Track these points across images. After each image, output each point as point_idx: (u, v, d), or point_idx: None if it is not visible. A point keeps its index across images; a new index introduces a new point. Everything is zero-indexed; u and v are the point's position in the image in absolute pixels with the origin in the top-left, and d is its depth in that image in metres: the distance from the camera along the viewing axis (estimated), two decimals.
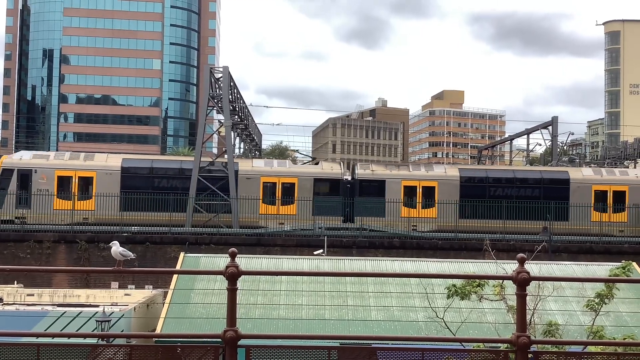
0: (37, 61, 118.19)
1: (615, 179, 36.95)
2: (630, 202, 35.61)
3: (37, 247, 32.23)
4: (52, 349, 6.75)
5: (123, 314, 18.72)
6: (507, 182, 36.77)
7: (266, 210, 35.02)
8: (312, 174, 36.66)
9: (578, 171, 39.08)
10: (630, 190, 36.15)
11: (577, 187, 36.13)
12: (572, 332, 15.92)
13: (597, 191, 36.26)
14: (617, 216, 35.49)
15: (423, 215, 35.41)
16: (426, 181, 36.23)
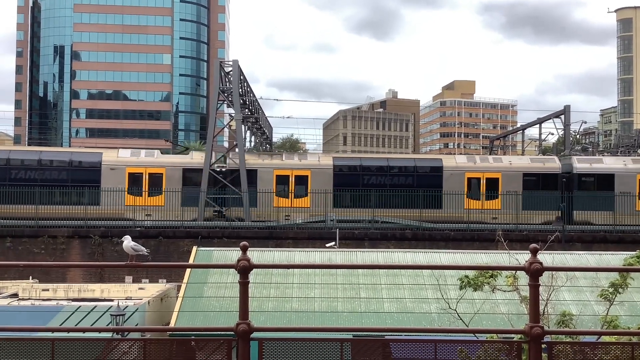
0: (49, 58, 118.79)
1: (489, 166, 36.53)
2: (504, 189, 35.37)
3: (52, 242, 32.50)
4: (68, 343, 6.80)
5: (137, 308, 18.86)
6: (380, 171, 36.42)
7: (133, 201, 34.10)
8: (181, 165, 35.98)
9: (451, 158, 38.98)
10: (504, 177, 35.86)
11: (450, 174, 35.78)
12: (586, 322, 15.84)
13: (470, 178, 35.99)
14: (491, 203, 35.24)
15: (296, 205, 35.05)
16: (299, 170, 35.82)
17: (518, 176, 35.88)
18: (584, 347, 6.67)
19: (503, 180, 35.80)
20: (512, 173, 35.99)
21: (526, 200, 34.93)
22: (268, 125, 59.61)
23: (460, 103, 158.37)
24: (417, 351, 6.42)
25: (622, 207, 34.55)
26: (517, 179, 35.80)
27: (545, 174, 36.35)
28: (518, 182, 35.75)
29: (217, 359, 6.43)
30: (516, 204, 34.65)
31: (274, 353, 6.10)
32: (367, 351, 7.71)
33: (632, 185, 35.75)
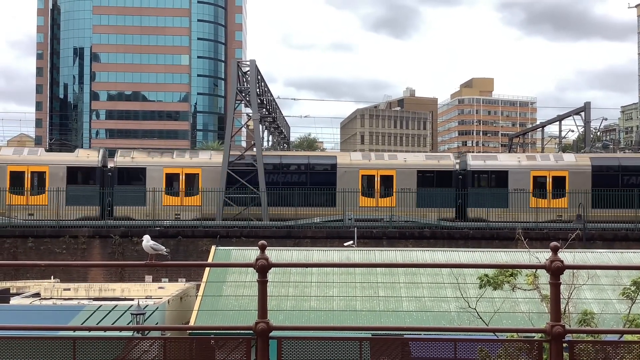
0: (68, 59, 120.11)
1: (383, 164, 36.14)
2: (398, 187, 35.06)
3: (73, 242, 32.87)
4: (89, 342, 6.87)
5: (157, 306, 19.00)
6: (275, 169, 36.09)
7: (15, 200, 33.70)
8: (65, 163, 35.47)
9: (346, 156, 38.76)
10: (398, 174, 35.50)
11: (345, 172, 35.43)
12: (607, 320, 15.66)
13: (365, 176, 35.61)
14: (385, 201, 34.92)
15: (187, 203, 34.79)
16: (189, 168, 35.54)
17: (412, 173, 35.55)
18: (606, 346, 6.58)
19: (398, 177, 35.53)
20: (407, 170, 35.69)
21: (420, 198, 34.70)
22: (286, 124, 59.71)
23: (479, 101, 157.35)
24: (437, 350, 6.38)
25: (516, 203, 34.18)
26: (412, 176, 35.46)
27: (440, 171, 36.10)
28: (412, 180, 35.44)
29: (236, 357, 6.45)
30: (410, 201, 34.47)
31: (293, 352, 6.10)
32: (386, 350, 7.69)
33: (526, 182, 35.33)
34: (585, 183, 35.37)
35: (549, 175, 35.86)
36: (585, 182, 35.38)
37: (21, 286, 23.86)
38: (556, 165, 36.28)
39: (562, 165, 36.26)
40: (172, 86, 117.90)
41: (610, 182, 35.47)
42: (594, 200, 34.55)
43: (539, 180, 35.79)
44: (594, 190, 34.80)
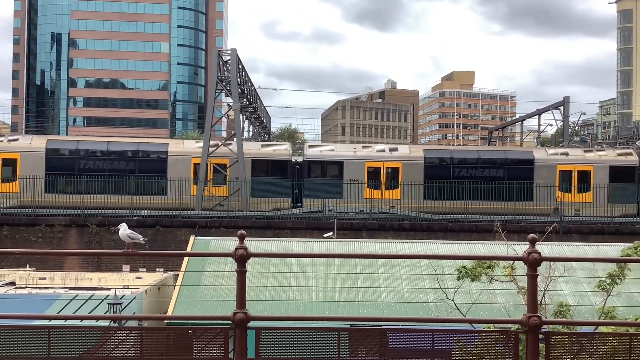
0: (46, 45, 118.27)
1: (215, 153, 35.80)
2: (232, 176, 35.21)
3: (49, 231, 32.48)
4: (64, 331, 6.78)
5: (135, 296, 18.85)
6: (102, 155, 35.70)
7: None
8: None
9: (179, 143, 38.74)
10: (232, 163, 35.51)
11: (176, 160, 35.40)
12: (583, 312, 15.87)
13: (198, 164, 35.33)
14: (218, 190, 35.12)
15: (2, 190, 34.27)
16: (5, 153, 34.97)
17: (247, 162, 35.44)
18: (582, 337, 6.67)
19: (231, 166, 35.49)
20: None
21: (255, 187, 34.72)
22: (266, 115, 59.48)
23: (459, 94, 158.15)
24: (414, 341, 6.41)
25: (350, 194, 34.56)
26: (246, 165, 35.35)
27: (275, 160, 36.21)
28: (247, 169, 35.39)
29: (214, 347, 6.42)
30: (243, 190, 34.40)
31: (271, 342, 6.08)
32: (364, 340, 7.71)
33: (360, 173, 35.62)
34: (418, 175, 35.63)
35: (383, 166, 36.01)
36: (418, 174, 35.63)
37: None
38: (390, 157, 36.50)
39: (395, 157, 36.51)
40: (152, 74, 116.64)
41: (442, 173, 35.89)
42: (425, 192, 34.94)
43: (373, 171, 35.93)
44: (426, 182, 35.17)
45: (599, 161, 36.73)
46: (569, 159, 36.90)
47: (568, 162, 36.63)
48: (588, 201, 35.23)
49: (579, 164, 36.51)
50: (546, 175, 35.97)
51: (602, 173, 36.18)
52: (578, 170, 36.34)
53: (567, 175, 36.41)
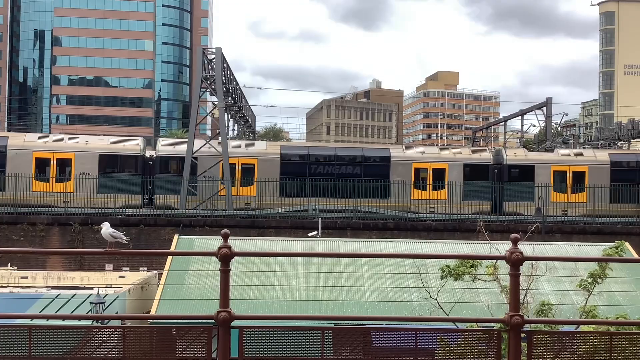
0: (29, 42, 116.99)
1: (61, 147, 35.21)
2: (78, 172, 34.34)
3: (31, 229, 32.15)
4: (46, 331, 6.72)
5: (117, 295, 18.72)
6: None
7: None
8: None
9: (20, 137, 37.06)
10: (78, 157, 34.76)
11: (16, 154, 34.40)
12: (565, 311, 16.02)
13: (39, 158, 34.55)
14: (61, 186, 34.17)
15: None
16: None
17: (94, 157, 34.89)
18: (563, 336, 6.73)
19: (77, 161, 34.53)
20: (88, 154, 34.98)
21: (102, 184, 33.98)
22: (251, 114, 59.34)
23: (444, 94, 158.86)
24: (398, 340, 6.43)
25: (204, 191, 34.52)
26: (93, 161, 34.83)
27: (126, 155, 35.55)
28: (94, 164, 34.81)
29: (197, 347, 6.40)
30: (92, 187, 33.71)
31: (255, 341, 6.07)
32: (348, 339, 7.73)
33: (216, 168, 35.05)
34: (274, 171, 35.58)
35: (239, 162, 35.72)
36: (274, 170, 35.57)
37: None
38: (247, 153, 36.32)
39: (252, 153, 36.30)
40: (136, 72, 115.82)
41: (299, 170, 35.90)
42: (281, 189, 34.86)
43: (231, 168, 35.33)
44: (283, 179, 35.08)
45: (454, 159, 36.80)
46: (424, 157, 37.05)
47: (423, 160, 36.71)
48: (442, 198, 35.32)
49: (433, 162, 36.55)
50: (402, 172, 35.93)
51: (456, 171, 36.25)
52: (433, 167, 36.39)
53: (423, 173, 36.53)
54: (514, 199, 35.39)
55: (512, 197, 35.51)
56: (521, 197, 35.30)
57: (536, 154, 39.20)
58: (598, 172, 36.52)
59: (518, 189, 35.75)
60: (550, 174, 36.66)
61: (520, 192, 35.52)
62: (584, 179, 36.51)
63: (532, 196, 35.32)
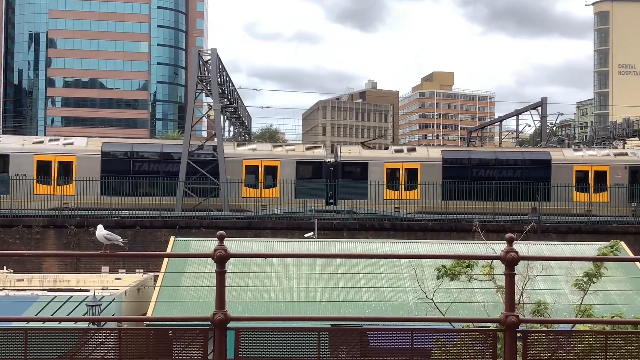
0: (24, 45, 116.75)
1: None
2: None
3: (26, 232, 32.08)
4: (42, 333, 6.70)
5: (114, 298, 18.69)
6: None
7: None
8: None
9: None
10: None
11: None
12: (560, 311, 16.06)
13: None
14: None
15: None
16: None
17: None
18: (559, 335, 6.75)
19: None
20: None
21: None
22: (247, 115, 59.32)
23: (439, 94, 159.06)
24: (394, 340, 6.44)
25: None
26: None
27: None
28: None
29: (194, 349, 6.39)
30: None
31: (251, 342, 6.08)
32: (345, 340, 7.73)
33: (29, 168, 34.18)
34: (94, 170, 35.03)
35: (55, 159, 34.99)
36: (94, 169, 34.97)
37: None
38: (64, 150, 35.49)
39: (69, 150, 35.61)
40: (131, 74, 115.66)
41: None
42: (102, 188, 34.30)
43: (43, 165, 34.80)
44: (103, 177, 34.61)
45: (286, 156, 36.50)
46: (255, 154, 36.67)
47: (255, 157, 36.33)
48: (275, 196, 35.03)
49: (265, 159, 36.20)
50: (233, 169, 35.52)
51: (289, 168, 35.91)
52: (264, 165, 36.07)
53: (255, 170, 36.16)
54: (349, 197, 34.78)
55: (346, 195, 34.93)
56: (356, 194, 34.82)
57: (370, 152, 38.82)
58: (430, 169, 36.38)
59: (352, 186, 35.27)
60: (384, 172, 36.41)
61: (354, 189, 35.03)
62: (417, 176, 36.29)
63: (366, 193, 34.94)
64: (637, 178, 36.40)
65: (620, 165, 36.84)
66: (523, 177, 36.37)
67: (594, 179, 36.58)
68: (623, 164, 37.02)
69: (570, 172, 36.69)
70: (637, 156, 37.83)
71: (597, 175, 36.62)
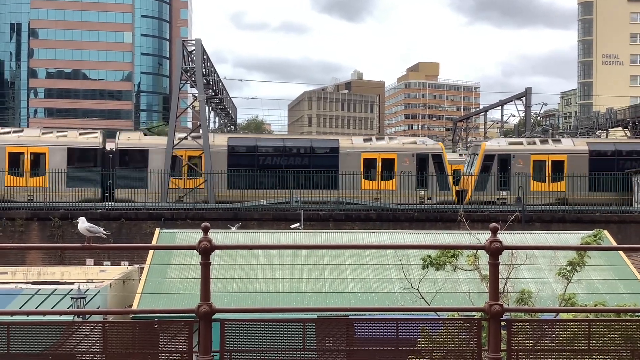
0: (5, 35, 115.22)
1: None
2: None
3: (10, 224, 31.79)
4: (25, 327, 6.65)
5: (99, 290, 18.59)
6: None
7: None
8: None
9: None
10: None
11: None
12: (544, 299, 16.21)
13: None
14: None
15: None
16: None
17: None
18: (543, 324, 6.81)
19: None
20: None
21: None
22: (232, 106, 59.05)
23: (425, 85, 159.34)
24: (380, 330, 6.46)
25: None
26: None
27: None
28: None
29: (180, 341, 6.37)
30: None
31: (237, 334, 6.07)
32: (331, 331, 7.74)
33: None
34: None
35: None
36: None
37: None
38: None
39: None
40: (115, 64, 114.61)
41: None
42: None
43: None
44: None
45: (57, 143, 34.77)
46: (20, 141, 34.80)
47: (21, 144, 34.53)
48: (43, 186, 33.46)
49: (32, 146, 34.45)
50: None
51: (59, 156, 34.16)
52: (31, 152, 34.35)
53: (19, 158, 34.57)
54: (128, 185, 33.85)
55: (125, 184, 33.95)
56: (135, 183, 33.78)
57: (150, 138, 37.82)
58: (216, 156, 35.59)
59: (131, 174, 34.23)
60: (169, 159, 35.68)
61: (134, 178, 34.10)
62: (201, 163, 35.74)
63: (145, 182, 34.07)
64: (425, 166, 36.63)
65: (408, 153, 36.80)
66: None
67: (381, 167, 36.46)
68: (411, 152, 36.93)
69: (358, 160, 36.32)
70: (425, 144, 37.94)
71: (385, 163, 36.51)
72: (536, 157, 37.34)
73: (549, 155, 37.30)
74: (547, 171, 36.89)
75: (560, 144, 38.73)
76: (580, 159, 37.03)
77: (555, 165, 36.95)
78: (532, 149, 37.70)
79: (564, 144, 38.95)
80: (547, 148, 37.84)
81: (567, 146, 38.21)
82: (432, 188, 35.93)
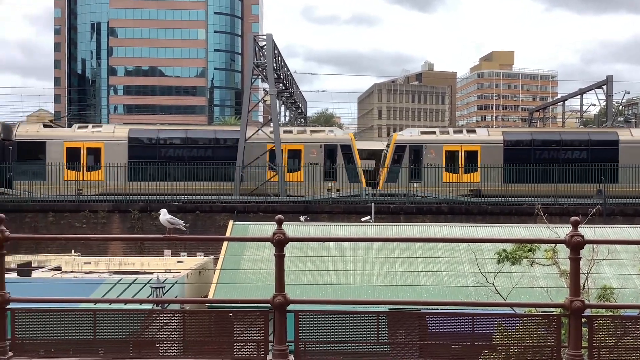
0: (86, 35, 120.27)
1: None
2: None
3: (92, 217, 33.25)
4: (109, 314, 6.95)
5: (176, 280, 19.20)
6: None
7: None
8: None
9: None
10: None
11: None
12: (627, 296, 15.56)
13: None
14: None
15: None
16: None
17: None
18: (626, 321, 6.53)
19: None
20: None
21: None
22: (302, 99, 59.48)
23: (499, 74, 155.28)
24: (454, 324, 6.38)
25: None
26: None
27: None
28: None
29: (254, 330, 6.50)
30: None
31: (310, 325, 6.13)
32: (403, 324, 7.70)
33: None
34: None
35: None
36: None
37: (42, 260, 24.24)
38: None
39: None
40: (189, 61, 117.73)
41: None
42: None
43: None
44: None
45: None
46: None
47: None
48: None
49: None
50: None
51: None
52: None
53: None
54: (27, 178, 33.40)
55: (24, 176, 33.52)
56: (34, 175, 33.24)
57: (49, 130, 36.66)
58: (114, 148, 34.91)
59: (30, 167, 33.68)
60: (64, 151, 34.72)
61: (32, 170, 33.36)
62: (101, 156, 34.89)
63: (44, 175, 33.48)
64: (334, 157, 35.59)
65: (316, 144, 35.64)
66: None
67: None
68: (319, 143, 35.91)
69: None
70: (334, 135, 36.72)
71: None
72: (449, 147, 35.53)
73: (462, 146, 35.51)
74: (460, 162, 35.38)
75: (474, 134, 37.28)
76: (494, 149, 35.32)
77: (468, 156, 35.42)
78: (445, 139, 35.99)
79: (478, 134, 37.44)
80: (460, 138, 36.18)
81: (482, 136, 36.58)
82: (342, 180, 35.21)
